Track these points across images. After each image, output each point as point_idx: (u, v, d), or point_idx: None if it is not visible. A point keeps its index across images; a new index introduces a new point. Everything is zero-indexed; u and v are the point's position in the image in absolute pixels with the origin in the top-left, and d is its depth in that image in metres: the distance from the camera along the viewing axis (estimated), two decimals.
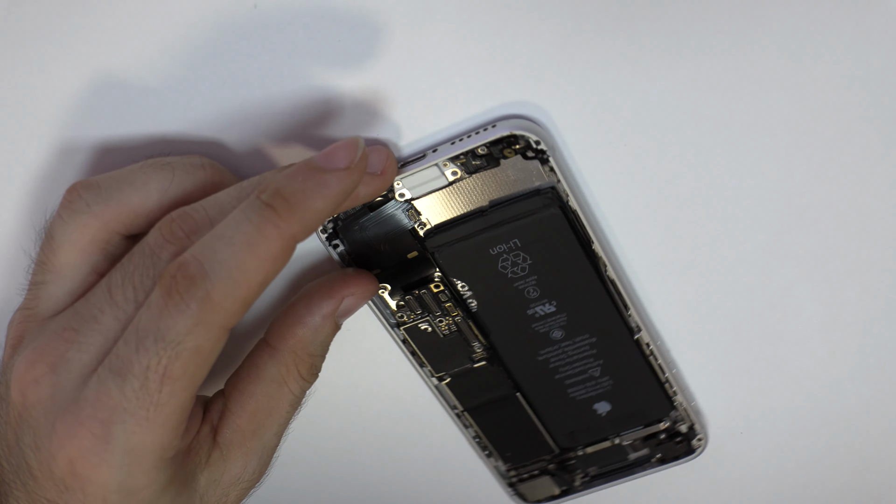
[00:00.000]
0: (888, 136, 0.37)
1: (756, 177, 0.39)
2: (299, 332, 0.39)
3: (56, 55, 0.38)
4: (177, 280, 0.33)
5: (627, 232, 0.41)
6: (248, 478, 0.39)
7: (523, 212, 0.39)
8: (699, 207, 0.40)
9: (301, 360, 0.39)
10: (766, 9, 0.35)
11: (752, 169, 0.39)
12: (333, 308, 0.39)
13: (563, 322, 0.42)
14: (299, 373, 0.39)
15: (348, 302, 0.39)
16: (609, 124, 0.38)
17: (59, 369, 0.34)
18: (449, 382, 0.44)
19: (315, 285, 0.40)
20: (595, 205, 0.40)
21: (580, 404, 0.45)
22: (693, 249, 0.41)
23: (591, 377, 0.44)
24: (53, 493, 0.34)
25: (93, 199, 0.36)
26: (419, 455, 0.48)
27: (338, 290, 0.39)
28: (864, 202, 0.39)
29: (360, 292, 0.39)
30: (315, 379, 0.40)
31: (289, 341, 0.38)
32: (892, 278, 0.41)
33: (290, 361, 0.38)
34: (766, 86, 0.37)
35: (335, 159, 0.35)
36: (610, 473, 0.47)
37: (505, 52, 0.37)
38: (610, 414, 0.45)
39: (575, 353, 0.43)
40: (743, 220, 0.40)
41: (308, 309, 0.39)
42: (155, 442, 0.34)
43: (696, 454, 0.46)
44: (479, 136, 0.37)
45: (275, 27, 0.37)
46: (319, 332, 0.39)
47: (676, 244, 0.41)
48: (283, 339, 0.39)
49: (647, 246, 0.41)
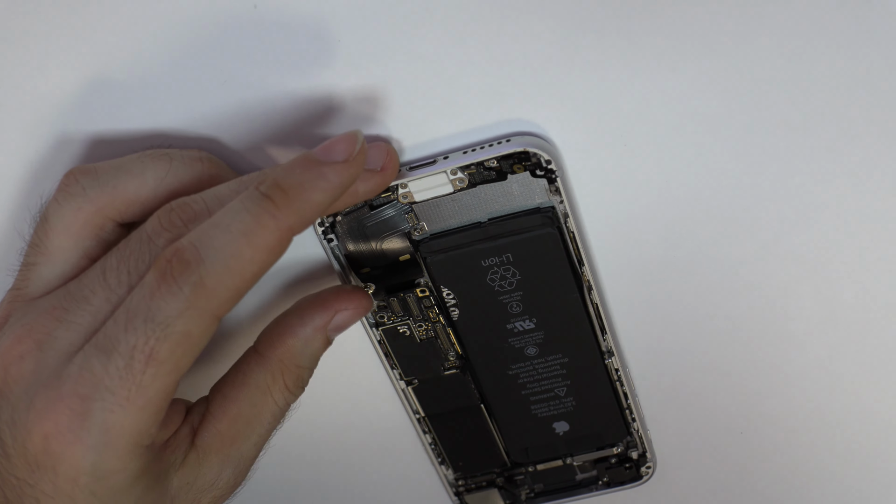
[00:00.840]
0: (888, 136, 0.38)
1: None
2: (289, 342, 0.38)
3: (56, 50, 0.37)
4: (172, 264, 0.32)
5: (614, 259, 0.42)
6: (222, 485, 0.38)
7: (521, 228, 0.39)
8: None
9: (288, 371, 0.38)
10: (766, 9, 0.36)
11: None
12: (326, 321, 0.39)
13: (540, 340, 0.42)
14: (285, 383, 0.38)
15: (341, 317, 0.39)
16: (609, 148, 0.39)
17: (44, 346, 0.34)
18: (416, 387, 0.44)
19: (309, 298, 0.39)
20: (588, 229, 0.41)
21: (540, 421, 0.45)
22: (672, 284, 0.43)
23: (556, 396, 0.44)
24: (25, 472, 0.34)
25: (89, 183, 0.36)
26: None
27: (331, 304, 0.39)
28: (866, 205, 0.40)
29: (353, 308, 0.39)
30: (301, 392, 0.39)
31: (278, 350, 0.38)
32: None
33: (277, 370, 0.38)
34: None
35: (334, 152, 0.35)
36: (556, 492, 0.48)
37: (513, 69, 0.37)
38: (567, 434, 0.46)
39: (545, 371, 0.43)
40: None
41: (300, 320, 0.39)
42: (132, 425, 0.33)
43: (644, 481, 0.47)
44: (493, 149, 0.38)
45: (275, 27, 0.36)
46: (309, 344, 0.39)
47: (659, 278, 0.42)
48: (272, 348, 0.38)
49: (632, 274, 0.42)
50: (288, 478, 0.49)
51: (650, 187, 0.39)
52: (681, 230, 0.40)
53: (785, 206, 0.39)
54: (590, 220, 0.40)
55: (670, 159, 0.39)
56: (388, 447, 0.48)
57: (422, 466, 0.48)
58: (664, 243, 0.41)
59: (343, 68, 0.37)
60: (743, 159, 0.38)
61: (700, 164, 0.39)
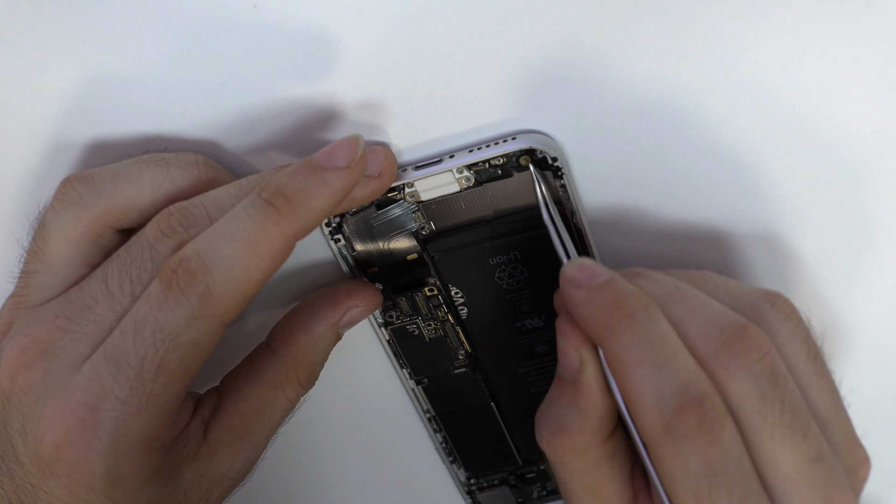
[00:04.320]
0: (888, 135, 0.38)
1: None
2: (302, 339, 0.39)
3: (53, 52, 0.37)
4: (177, 274, 0.33)
5: (619, 255, 0.42)
6: (233, 476, 0.38)
7: (528, 225, 0.39)
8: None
9: (300, 367, 0.39)
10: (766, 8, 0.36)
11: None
12: (337, 318, 0.39)
13: (549, 337, 0.42)
14: (297, 379, 0.39)
15: (352, 313, 0.40)
16: (609, 147, 0.39)
17: (50, 356, 0.34)
18: (426, 386, 0.44)
19: (320, 294, 0.40)
20: (590, 224, 0.41)
21: None
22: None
23: None
24: (39, 479, 0.34)
25: (86, 191, 0.36)
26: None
27: (343, 301, 0.40)
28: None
29: (364, 304, 0.40)
30: (311, 386, 0.40)
31: (291, 347, 0.39)
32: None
33: (290, 367, 0.39)
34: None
35: (335, 158, 0.35)
36: None
37: (513, 69, 0.37)
38: None
39: (555, 369, 0.43)
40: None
41: (312, 317, 0.39)
42: (144, 431, 0.33)
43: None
44: (499, 147, 0.38)
45: (275, 27, 0.36)
46: (321, 340, 0.39)
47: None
48: (285, 345, 0.39)
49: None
50: (300, 477, 0.49)
51: (651, 186, 0.39)
52: (682, 227, 0.40)
53: (784, 206, 0.40)
54: (594, 217, 0.40)
55: (670, 158, 0.39)
56: (399, 447, 0.48)
57: (433, 466, 0.48)
58: (665, 240, 0.41)
59: (343, 68, 0.37)
60: (743, 158, 0.38)
61: (701, 162, 0.39)
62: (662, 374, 0.31)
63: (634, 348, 0.32)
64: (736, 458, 0.31)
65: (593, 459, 0.35)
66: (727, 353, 0.32)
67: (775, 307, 0.34)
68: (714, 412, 0.31)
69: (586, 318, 0.33)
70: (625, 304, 0.33)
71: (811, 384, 0.33)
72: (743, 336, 0.32)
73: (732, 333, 0.32)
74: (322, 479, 0.49)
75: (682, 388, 0.31)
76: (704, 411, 0.31)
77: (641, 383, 0.31)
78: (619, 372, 0.32)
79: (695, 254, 0.41)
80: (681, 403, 0.31)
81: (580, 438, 0.34)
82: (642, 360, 0.32)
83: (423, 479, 0.49)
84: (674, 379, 0.31)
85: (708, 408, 0.31)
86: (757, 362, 0.32)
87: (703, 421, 0.31)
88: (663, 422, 0.31)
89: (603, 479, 0.35)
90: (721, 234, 0.40)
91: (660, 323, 0.32)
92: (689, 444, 0.31)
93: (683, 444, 0.31)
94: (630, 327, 0.32)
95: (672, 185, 0.39)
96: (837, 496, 0.31)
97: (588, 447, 0.34)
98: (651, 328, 0.32)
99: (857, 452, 0.34)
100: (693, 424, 0.31)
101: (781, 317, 0.34)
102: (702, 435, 0.31)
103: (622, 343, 0.32)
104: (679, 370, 0.31)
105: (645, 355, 0.32)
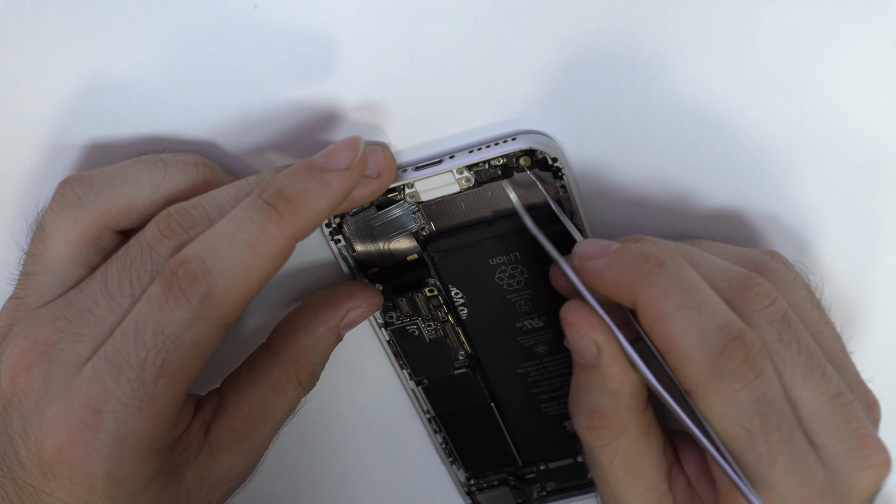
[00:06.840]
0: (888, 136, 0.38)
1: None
2: (303, 341, 0.39)
3: (51, 53, 0.37)
4: (178, 276, 0.33)
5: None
6: (234, 477, 0.38)
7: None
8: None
9: (301, 368, 0.39)
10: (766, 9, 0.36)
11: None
12: (338, 319, 0.39)
13: (550, 338, 0.42)
14: (298, 380, 0.39)
15: (353, 314, 0.40)
16: (610, 147, 0.39)
17: (51, 358, 0.34)
18: (426, 387, 0.44)
19: (321, 295, 0.40)
20: (590, 225, 0.41)
21: (550, 420, 0.45)
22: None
23: (566, 394, 0.44)
24: (40, 481, 0.34)
25: (84, 193, 0.36)
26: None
27: (343, 302, 0.40)
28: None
29: (364, 305, 0.40)
30: (312, 387, 0.40)
31: (292, 349, 0.39)
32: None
33: (291, 368, 0.39)
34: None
35: (336, 159, 0.35)
36: (568, 490, 0.48)
37: (512, 69, 0.37)
38: None
39: (555, 369, 0.43)
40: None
41: (313, 318, 0.39)
42: (145, 433, 0.33)
43: None
44: (499, 148, 0.38)
45: (275, 27, 0.36)
46: (322, 341, 0.39)
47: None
48: (286, 346, 0.39)
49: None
50: (300, 478, 0.49)
51: (651, 186, 0.39)
52: (683, 227, 0.40)
53: (784, 208, 0.40)
54: (594, 217, 0.40)
55: (670, 159, 0.39)
56: (399, 447, 0.48)
57: (433, 466, 0.48)
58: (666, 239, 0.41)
59: (343, 69, 0.37)
60: (742, 158, 0.38)
61: (699, 163, 0.39)
62: (703, 316, 0.32)
63: (672, 294, 0.32)
64: (780, 393, 0.32)
65: (633, 436, 0.35)
66: (739, 300, 0.33)
67: (775, 259, 0.35)
68: (756, 348, 0.32)
69: (615, 280, 0.34)
70: (652, 256, 0.33)
71: (818, 329, 0.34)
72: (750, 284, 0.33)
73: (741, 283, 0.33)
74: (323, 480, 0.49)
75: (724, 327, 0.32)
76: (748, 347, 0.32)
77: (684, 327, 0.32)
78: (659, 321, 0.32)
79: None
80: (724, 342, 0.32)
81: (617, 417, 0.35)
82: (682, 305, 0.32)
83: (423, 479, 0.48)
84: (715, 319, 0.32)
85: (751, 344, 0.32)
86: (768, 307, 0.33)
87: (749, 357, 0.32)
88: (709, 361, 0.32)
89: (642, 455, 0.35)
90: (722, 234, 0.40)
91: (688, 269, 0.33)
92: (739, 379, 0.32)
93: (732, 380, 0.31)
94: (662, 275, 0.33)
95: (672, 185, 0.39)
96: (862, 429, 0.32)
97: (626, 424, 0.35)
98: (683, 274, 0.33)
99: (868, 394, 0.35)
100: (740, 360, 0.32)
101: (783, 268, 0.35)
102: (749, 370, 0.31)
103: (658, 292, 0.32)
104: (716, 311, 0.32)
105: (683, 299, 0.32)
